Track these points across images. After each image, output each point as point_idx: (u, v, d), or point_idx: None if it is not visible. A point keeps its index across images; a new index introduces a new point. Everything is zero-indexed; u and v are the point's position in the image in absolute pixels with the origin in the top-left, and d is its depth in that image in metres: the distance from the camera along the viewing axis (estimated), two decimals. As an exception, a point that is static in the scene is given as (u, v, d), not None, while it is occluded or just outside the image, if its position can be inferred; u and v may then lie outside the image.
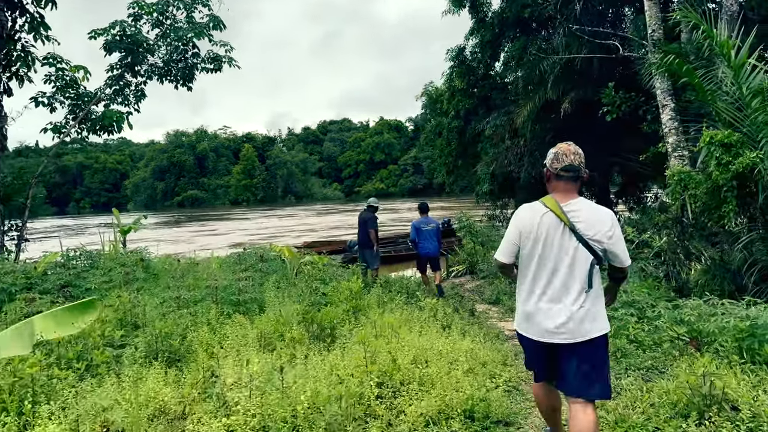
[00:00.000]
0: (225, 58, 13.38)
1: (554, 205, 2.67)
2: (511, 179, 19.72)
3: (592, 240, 2.59)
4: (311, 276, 6.51)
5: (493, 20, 19.75)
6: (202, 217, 58.35)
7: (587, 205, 2.71)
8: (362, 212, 9.31)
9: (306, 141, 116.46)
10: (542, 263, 2.66)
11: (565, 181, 2.72)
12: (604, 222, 2.63)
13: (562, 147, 2.82)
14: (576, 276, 2.60)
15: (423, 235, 8.95)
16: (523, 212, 2.82)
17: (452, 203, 47.32)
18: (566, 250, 2.62)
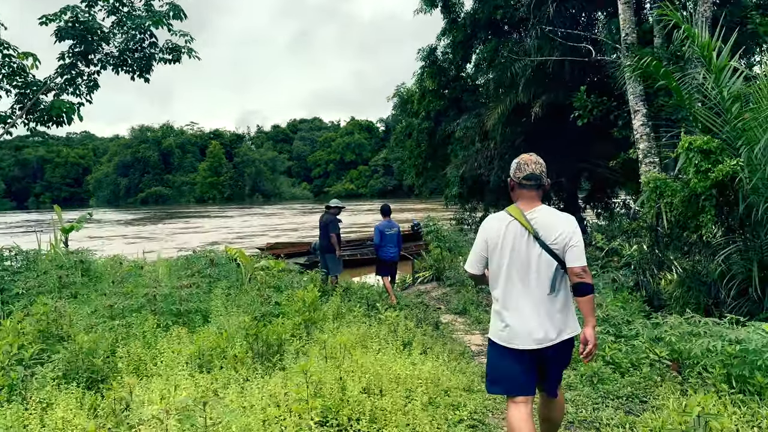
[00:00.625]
0: (185, 48, 12.70)
1: (518, 213, 2.78)
2: (480, 182, 19.45)
3: (553, 244, 2.69)
4: (264, 283, 5.97)
5: (465, 21, 19.46)
6: (168, 214, 56.72)
7: (549, 212, 2.84)
8: (323, 214, 8.81)
9: (275, 139, 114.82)
10: (511, 271, 2.75)
11: (528, 189, 2.83)
12: (565, 227, 2.73)
13: (524, 157, 2.94)
14: (543, 281, 2.71)
15: (387, 239, 8.58)
16: (489, 223, 2.92)
17: (422, 205, 47.08)
18: (532, 257, 2.72)
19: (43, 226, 41.40)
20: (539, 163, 2.90)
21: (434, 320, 6.18)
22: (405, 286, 10.46)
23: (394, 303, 7.91)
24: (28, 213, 74.97)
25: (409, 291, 9.66)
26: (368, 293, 7.26)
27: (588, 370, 3.94)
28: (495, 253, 2.81)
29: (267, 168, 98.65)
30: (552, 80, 15.16)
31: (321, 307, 5.37)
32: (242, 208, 70.94)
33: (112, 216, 60.14)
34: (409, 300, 7.61)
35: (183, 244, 25.41)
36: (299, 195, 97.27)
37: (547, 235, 2.72)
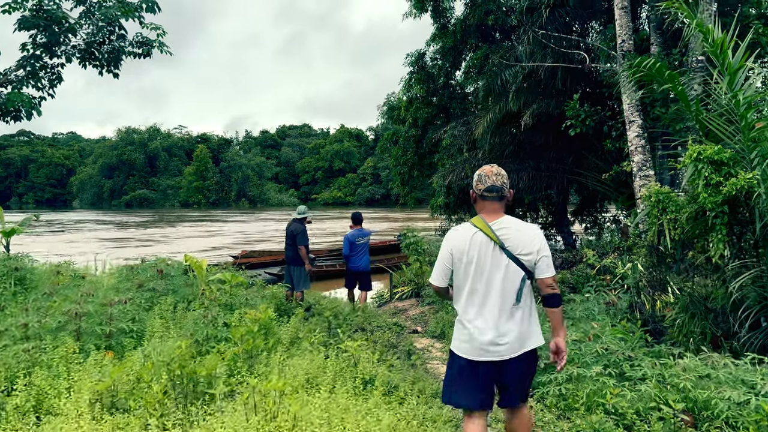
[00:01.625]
0: (156, 42, 11.96)
1: (483, 224, 2.76)
2: (467, 192, 18.79)
3: (521, 255, 2.69)
4: (214, 300, 5.21)
5: (455, 27, 18.91)
6: (160, 218, 55.56)
7: (515, 223, 2.80)
8: (290, 223, 8.07)
9: (264, 145, 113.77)
10: (476, 282, 2.74)
11: (490, 201, 2.82)
12: (532, 238, 2.73)
13: (485, 169, 2.89)
14: (508, 291, 2.70)
15: (356, 249, 7.98)
16: (453, 234, 2.89)
17: (408, 215, 46.40)
18: (498, 267, 2.71)
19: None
20: (500, 174, 2.87)
21: (407, 346, 5.42)
22: (382, 302, 9.71)
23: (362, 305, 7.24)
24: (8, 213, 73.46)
25: (385, 308, 8.89)
26: (333, 312, 6.52)
27: (587, 423, 3.22)
28: (460, 264, 2.79)
29: (254, 173, 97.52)
30: (543, 89, 14.58)
31: (276, 331, 4.62)
32: (228, 212, 69.83)
33: (94, 216, 58.87)
34: (382, 320, 6.86)
35: (159, 251, 24.51)
36: (286, 201, 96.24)
37: (514, 245, 2.71)
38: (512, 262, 2.69)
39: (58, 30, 11.27)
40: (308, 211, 8.20)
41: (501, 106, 14.97)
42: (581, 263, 10.74)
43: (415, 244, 9.29)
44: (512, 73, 14.45)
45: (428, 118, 20.38)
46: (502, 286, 2.70)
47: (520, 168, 16.47)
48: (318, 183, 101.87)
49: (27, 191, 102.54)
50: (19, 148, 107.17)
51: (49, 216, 61.46)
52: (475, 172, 2.93)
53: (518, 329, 2.70)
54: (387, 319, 7.11)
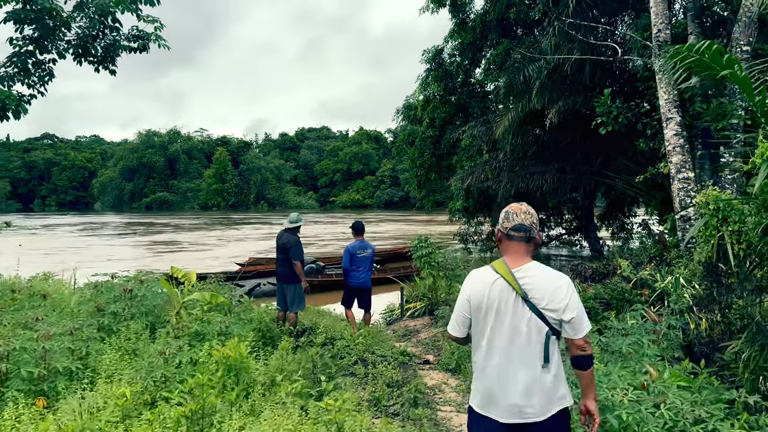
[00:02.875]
0: (153, 36, 11.22)
1: (505, 270, 2.47)
2: (487, 196, 17.82)
3: (546, 310, 2.39)
4: (181, 328, 4.34)
5: (475, 22, 17.94)
6: (164, 225, 55.42)
7: (540, 271, 2.47)
8: (281, 233, 7.15)
9: (283, 147, 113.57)
10: (496, 335, 2.45)
11: (517, 241, 2.51)
12: (558, 290, 2.41)
13: (513, 206, 2.60)
14: (533, 349, 2.40)
15: (357, 262, 7.05)
16: (472, 279, 2.59)
17: (427, 219, 45.40)
18: (520, 321, 2.42)
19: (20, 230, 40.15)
20: (530, 213, 2.59)
21: (414, 388, 4.45)
22: (392, 319, 8.74)
23: (356, 334, 6.35)
24: (26, 216, 74.22)
25: (396, 326, 7.93)
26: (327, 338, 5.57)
27: None
28: (479, 315, 2.51)
29: (273, 176, 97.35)
30: (570, 85, 13.55)
31: (251, 370, 3.75)
32: (247, 215, 69.54)
33: (116, 219, 58.93)
34: (388, 347, 5.89)
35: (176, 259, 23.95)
36: (304, 204, 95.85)
37: (539, 297, 2.42)
38: (535, 316, 2.39)
39: (51, 23, 10.60)
40: (302, 220, 7.28)
41: (524, 103, 13.98)
42: (614, 275, 9.70)
43: (428, 256, 8.32)
44: (536, 68, 13.46)
45: (446, 117, 19.42)
46: (525, 343, 2.41)
47: (545, 170, 15.46)
48: (336, 185, 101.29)
49: (50, 194, 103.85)
50: (43, 151, 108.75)
51: (73, 219, 61.79)
52: (503, 210, 2.63)
53: (544, 390, 2.41)
54: (394, 345, 6.16)
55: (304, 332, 6.80)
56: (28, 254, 24.45)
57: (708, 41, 5.42)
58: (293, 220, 7.18)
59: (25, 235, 37.14)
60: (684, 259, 8.30)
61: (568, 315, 2.40)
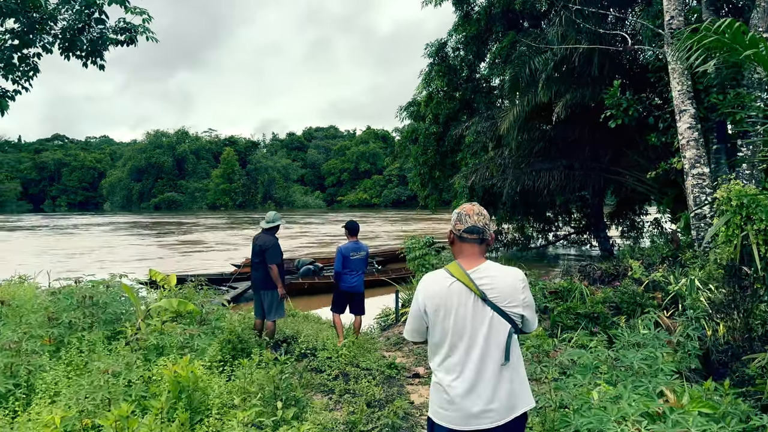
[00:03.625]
0: (141, 28, 10.78)
1: (460, 273, 2.41)
2: (492, 194, 17.27)
3: (508, 307, 2.37)
4: (137, 341, 3.86)
5: (480, 14, 17.40)
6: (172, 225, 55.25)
7: (496, 270, 2.43)
8: (259, 235, 6.61)
9: (290, 147, 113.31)
10: (455, 339, 2.37)
11: (470, 243, 2.47)
12: (517, 287, 2.41)
13: (465, 207, 2.55)
14: (494, 349, 2.35)
15: (351, 264, 6.48)
16: (427, 283, 2.48)
17: (435, 218, 44.81)
18: (480, 322, 2.36)
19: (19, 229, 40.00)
20: (482, 214, 2.52)
21: (398, 407, 3.93)
22: (386, 324, 8.20)
23: (340, 343, 5.84)
24: (40, 216, 74.43)
25: (389, 332, 7.39)
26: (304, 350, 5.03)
27: None
28: (436, 319, 2.41)
29: (280, 176, 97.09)
30: (578, 77, 12.99)
31: (208, 391, 3.27)
32: (253, 214, 69.28)
33: (125, 219, 58.84)
34: (375, 359, 5.34)
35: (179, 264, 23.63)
36: (312, 204, 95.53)
37: (499, 296, 2.37)
38: (497, 315, 2.38)
39: (35, 16, 10.21)
40: (280, 219, 6.75)
41: (530, 97, 13.44)
42: (625, 277, 9.14)
43: (422, 258, 7.79)
44: (542, 61, 12.92)
45: (450, 114, 18.88)
46: (485, 343, 2.36)
47: (552, 167, 14.90)
48: (344, 185, 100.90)
49: (60, 194, 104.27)
50: (53, 152, 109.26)
51: (83, 219, 61.87)
52: (454, 211, 2.60)
53: (507, 391, 2.37)
54: (383, 355, 5.63)
55: (284, 341, 6.30)
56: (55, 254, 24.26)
57: (729, 19, 4.87)
58: (270, 219, 6.61)
59: (56, 234, 37.13)
60: (699, 259, 7.73)
61: (528, 310, 2.41)
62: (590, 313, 7.12)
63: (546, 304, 7.15)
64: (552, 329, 6.80)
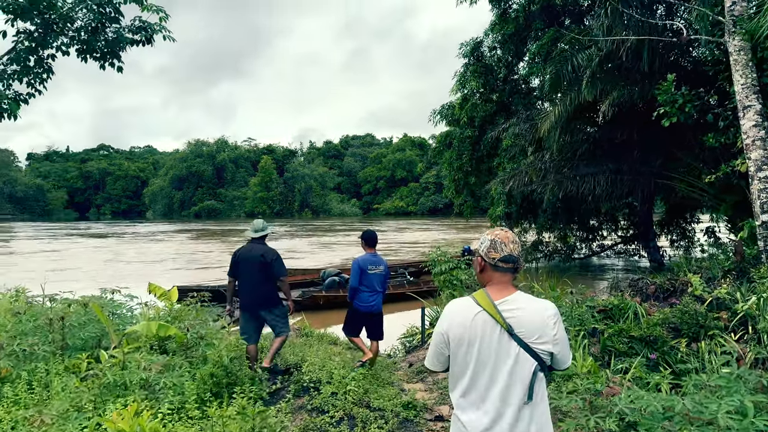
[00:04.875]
0: (157, 26, 10.38)
1: (487, 303, 2.29)
2: (532, 200, 16.30)
3: (536, 343, 2.22)
4: (93, 377, 3.20)
5: (517, 12, 16.50)
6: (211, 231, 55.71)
7: (526, 302, 2.30)
8: (249, 245, 5.74)
9: (327, 155, 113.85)
10: (478, 372, 2.27)
11: (502, 272, 2.35)
12: (547, 322, 2.25)
13: (500, 234, 2.42)
14: (517, 386, 2.23)
15: (368, 280, 5.62)
16: (452, 311, 2.36)
17: (473, 225, 43.67)
18: (505, 356, 2.23)
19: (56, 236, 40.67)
20: (516, 242, 2.40)
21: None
22: (411, 346, 7.31)
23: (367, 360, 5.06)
24: (86, 224, 76.34)
25: (413, 357, 6.52)
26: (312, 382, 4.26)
27: None
28: (459, 350, 2.29)
29: (317, 183, 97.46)
30: (625, 73, 11.99)
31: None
32: (292, 222, 69.42)
33: (167, 227, 59.67)
34: (391, 395, 4.42)
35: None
36: (348, 212, 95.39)
37: (527, 331, 2.23)
38: (523, 351, 2.20)
39: (50, 17, 9.89)
40: (269, 227, 6.00)
41: (572, 96, 12.48)
42: (683, 293, 8.11)
43: (449, 273, 6.94)
44: (586, 57, 11.99)
45: (486, 116, 17.99)
46: (508, 379, 2.21)
47: (597, 171, 13.84)
48: (380, 192, 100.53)
49: (104, 202, 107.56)
50: (98, 162, 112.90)
51: (125, 228, 63.10)
52: (485, 236, 2.44)
53: (527, 430, 2.20)
54: (401, 389, 4.77)
55: (285, 371, 5.51)
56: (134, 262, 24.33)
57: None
58: (259, 228, 5.79)
59: (130, 242, 37.84)
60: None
61: (559, 347, 2.26)
62: (646, 337, 6.18)
63: (595, 325, 6.23)
64: (602, 354, 5.90)
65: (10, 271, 19.27)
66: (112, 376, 3.27)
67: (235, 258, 5.56)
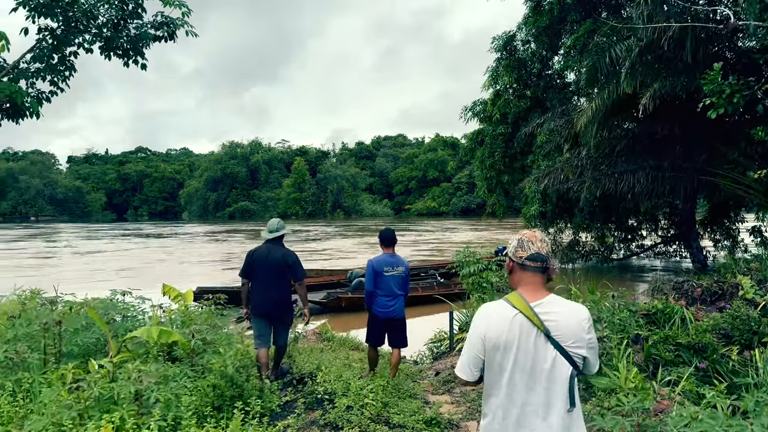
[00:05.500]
0: (179, 21, 10.26)
1: (523, 305, 2.20)
2: (567, 199, 15.74)
3: (572, 347, 2.16)
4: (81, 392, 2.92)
5: (552, 3, 15.96)
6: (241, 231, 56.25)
7: (561, 306, 2.23)
8: (266, 246, 5.39)
9: (359, 156, 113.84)
10: (515, 379, 2.18)
11: (532, 272, 2.27)
12: (583, 326, 2.19)
13: (527, 234, 2.37)
14: (557, 393, 2.15)
15: (384, 283, 5.10)
16: (487, 314, 2.26)
17: (509, 226, 42.85)
18: (542, 361, 2.15)
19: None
20: (545, 241, 2.35)
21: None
22: (439, 353, 6.90)
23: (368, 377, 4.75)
24: (124, 225, 78.08)
25: (440, 365, 6.09)
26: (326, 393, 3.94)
27: None
28: (495, 355, 2.19)
29: (349, 184, 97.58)
30: (667, 63, 11.39)
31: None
32: (323, 222, 69.65)
33: (204, 228, 60.50)
34: (413, 408, 4.19)
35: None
36: (380, 212, 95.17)
37: (564, 334, 2.16)
38: (559, 354, 2.13)
39: (77, 13, 9.84)
40: (286, 227, 5.71)
41: (610, 89, 11.93)
42: (734, 298, 7.54)
43: (478, 275, 6.52)
44: (625, 47, 11.44)
45: (520, 113, 17.47)
46: (547, 385, 2.13)
47: (636, 168, 13.22)
48: (411, 193, 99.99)
49: (141, 204, 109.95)
50: (136, 164, 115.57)
51: (161, 229, 64.24)
52: (513, 237, 2.38)
53: None
54: (425, 402, 4.39)
55: (300, 381, 5.15)
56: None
57: None
58: (274, 228, 5.44)
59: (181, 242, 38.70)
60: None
61: (592, 352, 2.19)
62: (694, 344, 5.70)
63: (638, 331, 5.78)
64: (646, 363, 5.45)
65: (57, 272, 19.63)
66: (99, 389, 3.03)
67: (250, 258, 5.27)
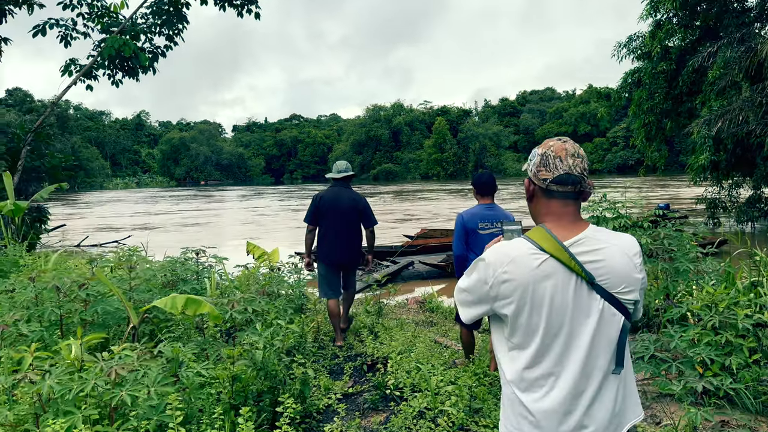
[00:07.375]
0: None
1: (554, 246, 1.58)
2: (746, 146, 13.04)
3: (621, 294, 1.61)
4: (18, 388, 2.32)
5: None
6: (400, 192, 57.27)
7: (605, 240, 1.62)
8: (334, 189, 5.02)
9: (502, 113, 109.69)
10: (548, 340, 1.62)
11: (560, 200, 1.65)
12: (634, 262, 1.63)
13: (554, 145, 1.67)
14: (601, 352, 1.62)
15: (480, 244, 3.88)
16: (507, 259, 1.61)
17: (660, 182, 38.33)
18: (586, 315, 1.60)
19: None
20: (579, 155, 1.64)
21: None
22: None
23: (492, 370, 3.82)
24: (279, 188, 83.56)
25: None
26: (396, 386, 3.13)
27: None
28: (521, 314, 1.59)
29: (491, 143, 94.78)
30: None
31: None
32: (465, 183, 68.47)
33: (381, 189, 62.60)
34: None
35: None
36: (524, 172, 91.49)
37: (612, 279, 1.59)
38: (608, 305, 1.59)
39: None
40: (350, 167, 5.18)
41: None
42: None
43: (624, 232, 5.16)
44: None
45: (685, 46, 14.76)
46: (591, 344, 1.58)
47: None
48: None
49: (296, 168, 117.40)
50: (290, 131, 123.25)
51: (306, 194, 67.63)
52: (534, 151, 1.70)
53: (612, 407, 1.62)
54: None
55: (373, 366, 4.17)
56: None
57: None
58: (342, 168, 5.09)
59: None
60: None
61: (642, 293, 1.68)
62: None
63: None
64: None
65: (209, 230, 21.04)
66: (52, 383, 2.32)
67: (317, 202, 4.95)
